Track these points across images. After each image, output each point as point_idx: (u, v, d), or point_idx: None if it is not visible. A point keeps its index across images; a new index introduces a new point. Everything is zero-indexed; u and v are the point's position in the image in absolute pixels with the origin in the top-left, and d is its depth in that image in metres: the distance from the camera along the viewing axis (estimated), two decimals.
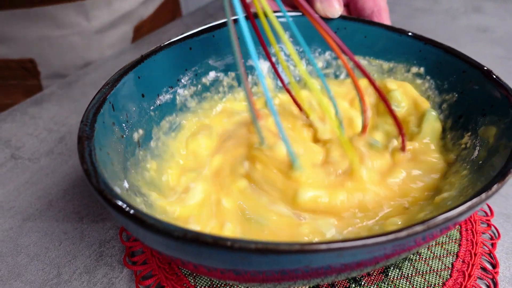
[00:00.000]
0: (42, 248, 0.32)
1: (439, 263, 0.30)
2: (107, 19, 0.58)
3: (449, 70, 0.35)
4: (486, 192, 0.21)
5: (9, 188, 0.36)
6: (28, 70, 0.55)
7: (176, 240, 0.19)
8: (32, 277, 0.30)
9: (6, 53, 0.53)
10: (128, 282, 0.29)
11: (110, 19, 0.58)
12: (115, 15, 0.59)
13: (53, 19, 0.53)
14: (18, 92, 0.56)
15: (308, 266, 0.19)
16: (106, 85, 0.29)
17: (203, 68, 0.37)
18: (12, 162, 0.39)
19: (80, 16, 0.55)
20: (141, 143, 0.31)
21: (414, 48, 0.37)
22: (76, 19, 0.55)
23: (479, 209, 0.35)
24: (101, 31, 0.58)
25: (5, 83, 0.55)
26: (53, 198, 0.35)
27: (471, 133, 0.31)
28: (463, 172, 0.29)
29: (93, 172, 0.22)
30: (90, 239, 0.32)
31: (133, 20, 0.63)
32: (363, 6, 0.42)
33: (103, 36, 0.59)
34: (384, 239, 0.18)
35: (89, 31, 0.57)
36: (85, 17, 0.55)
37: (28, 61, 0.55)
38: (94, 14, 0.56)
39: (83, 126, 0.25)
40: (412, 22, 0.69)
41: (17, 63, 0.54)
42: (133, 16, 0.63)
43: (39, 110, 0.45)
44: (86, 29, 0.56)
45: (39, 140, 0.41)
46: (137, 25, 0.64)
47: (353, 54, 0.40)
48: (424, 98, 0.36)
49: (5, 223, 0.33)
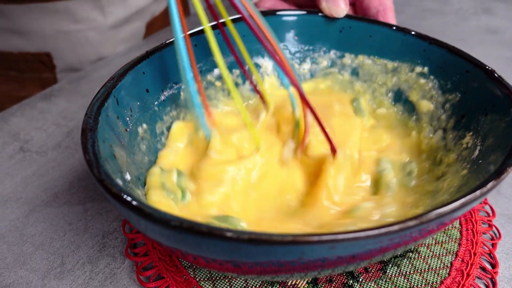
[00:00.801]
0: (47, 238, 0.32)
1: (438, 261, 0.30)
2: (122, 15, 0.59)
3: (453, 70, 0.35)
4: (481, 189, 0.21)
5: (17, 179, 0.37)
6: (44, 64, 0.56)
7: (172, 229, 0.19)
8: (36, 265, 0.30)
9: (23, 46, 0.54)
10: (129, 272, 0.30)
11: (125, 15, 0.59)
12: (130, 11, 0.60)
13: (69, 13, 0.54)
14: (33, 85, 0.57)
15: (301, 257, 0.20)
16: (111, 80, 0.29)
17: (208, 65, 0.38)
18: (21, 154, 0.40)
19: (96, 12, 0.56)
20: (144, 137, 0.31)
21: (419, 47, 0.37)
22: (92, 14, 0.56)
23: (481, 209, 0.35)
24: (115, 26, 0.59)
25: (21, 75, 0.56)
26: (59, 190, 0.36)
27: (472, 133, 0.31)
28: (462, 172, 0.29)
29: (95, 163, 0.22)
30: (94, 231, 0.33)
31: (145, 17, 0.64)
32: (368, 5, 0.42)
33: (117, 31, 0.60)
34: (376, 233, 0.19)
35: (105, 26, 0.58)
36: (101, 13, 0.56)
37: (45, 54, 0.56)
38: (110, 10, 0.57)
39: (87, 118, 0.26)
40: (420, 23, 0.69)
41: (33, 56, 0.55)
42: (146, 12, 0.63)
43: (48, 104, 0.46)
44: (101, 24, 0.57)
45: (47, 134, 0.42)
46: (150, 21, 0.65)
47: (357, 53, 0.41)
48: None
49: (12, 213, 0.34)
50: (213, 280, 0.29)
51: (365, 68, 0.41)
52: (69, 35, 0.56)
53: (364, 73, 0.41)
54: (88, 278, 0.30)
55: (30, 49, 0.55)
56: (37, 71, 0.57)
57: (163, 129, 0.34)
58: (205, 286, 0.29)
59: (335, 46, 0.42)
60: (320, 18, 0.40)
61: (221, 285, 0.29)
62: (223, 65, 0.31)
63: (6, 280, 0.30)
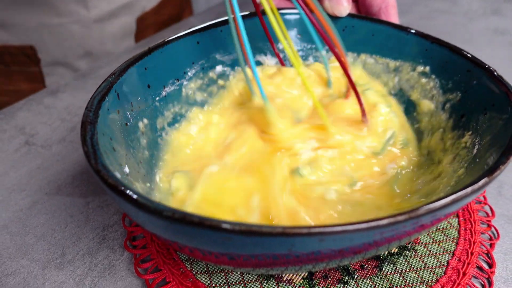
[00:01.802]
0: (49, 229, 0.33)
1: (434, 260, 0.30)
2: (106, 9, 0.58)
3: (454, 69, 0.35)
4: (472, 186, 0.21)
5: (22, 172, 0.38)
6: (29, 57, 0.56)
7: (165, 219, 0.20)
8: (38, 256, 0.31)
9: (6, 39, 0.54)
10: (127, 265, 0.30)
11: (110, 8, 0.59)
12: (115, 5, 0.59)
13: (52, 6, 0.53)
14: (20, 79, 0.57)
15: (291, 249, 0.20)
16: (112, 75, 0.30)
17: (210, 62, 0.38)
18: (26, 148, 0.41)
19: (79, 5, 0.55)
20: (145, 132, 0.32)
21: (421, 46, 0.37)
22: (75, 7, 0.55)
23: (480, 209, 0.35)
24: (100, 20, 0.58)
25: (7, 69, 0.56)
26: (62, 183, 0.37)
27: (471, 132, 0.31)
28: (459, 171, 0.29)
29: (92, 154, 0.23)
30: (95, 223, 0.33)
31: (134, 12, 0.63)
32: (371, 3, 0.42)
33: (104, 25, 0.59)
34: (365, 226, 0.19)
35: (88, 20, 0.57)
36: (84, 6, 0.56)
37: (29, 47, 0.55)
38: (93, 4, 0.56)
39: (87, 112, 0.26)
40: (428, 23, 0.69)
41: (17, 49, 0.55)
42: (135, 7, 0.63)
43: (54, 100, 0.47)
44: (85, 17, 0.57)
45: (52, 128, 0.43)
46: (140, 17, 0.64)
47: (359, 52, 0.41)
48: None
49: (16, 205, 0.35)
50: (210, 273, 0.30)
51: (367, 67, 0.41)
52: (52, 28, 0.55)
53: (366, 72, 0.41)
54: (88, 269, 0.30)
55: (14, 42, 0.55)
56: (23, 65, 0.57)
57: (164, 125, 0.34)
58: (201, 279, 0.29)
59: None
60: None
61: (217, 278, 0.29)
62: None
63: (8, 269, 0.30)
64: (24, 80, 0.57)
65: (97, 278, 0.30)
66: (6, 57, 0.56)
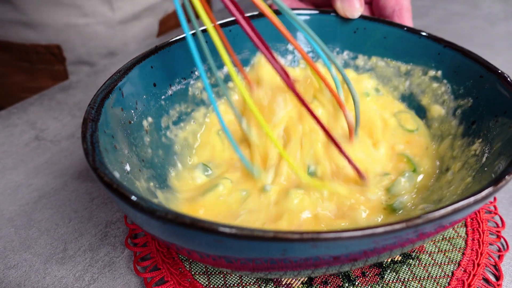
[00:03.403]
0: (52, 224, 0.33)
1: (439, 270, 0.30)
2: (130, 11, 0.60)
3: (467, 74, 0.34)
4: (475, 196, 0.20)
5: (30, 166, 0.38)
6: (55, 56, 0.58)
7: (157, 219, 0.20)
8: (40, 250, 0.31)
9: (35, 38, 0.56)
10: (127, 262, 0.31)
11: (134, 11, 0.60)
12: (139, 7, 0.61)
13: (79, 7, 0.55)
14: (45, 77, 0.59)
15: (284, 254, 0.19)
16: (117, 72, 0.30)
17: (218, 62, 0.38)
18: (36, 142, 0.41)
19: (105, 6, 0.57)
20: (149, 131, 0.32)
21: (433, 50, 0.36)
22: (101, 8, 0.57)
23: (490, 219, 0.33)
24: (124, 21, 0.60)
25: (33, 67, 0.58)
26: (68, 179, 0.37)
27: (482, 140, 0.30)
28: (467, 179, 0.28)
29: (91, 152, 0.23)
30: (98, 219, 0.34)
31: (157, 14, 0.65)
32: (384, 4, 0.42)
33: (127, 26, 0.61)
34: (359, 234, 0.18)
35: (113, 21, 0.59)
36: (109, 8, 0.57)
37: (55, 47, 0.57)
38: (118, 5, 0.58)
39: (90, 109, 0.26)
40: (446, 27, 0.67)
41: (45, 48, 0.57)
42: (158, 9, 0.64)
43: (65, 96, 0.48)
44: (110, 19, 0.58)
45: (63, 124, 0.44)
46: (163, 19, 0.66)
47: (370, 54, 0.40)
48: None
49: (22, 199, 0.35)
50: (208, 274, 0.29)
51: (378, 70, 0.40)
52: (79, 29, 0.57)
53: (377, 75, 0.40)
54: (88, 265, 0.30)
55: (41, 41, 0.56)
56: (48, 63, 0.58)
57: (168, 123, 0.34)
58: (199, 280, 0.29)
59: (348, 47, 0.41)
60: (334, 18, 0.40)
61: (215, 280, 0.29)
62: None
63: (11, 262, 0.31)
64: (48, 78, 0.59)
65: (96, 274, 0.30)
66: (32, 56, 0.58)
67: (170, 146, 0.34)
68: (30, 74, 0.59)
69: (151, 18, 0.64)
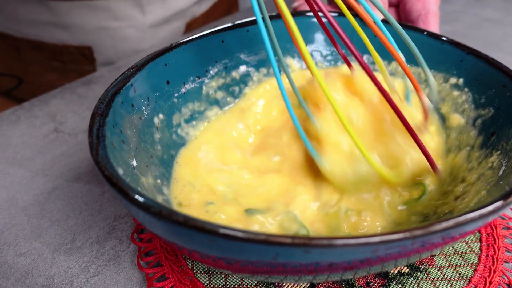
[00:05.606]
0: (63, 215, 0.34)
1: (447, 285, 0.28)
2: (161, 15, 0.61)
3: (489, 83, 0.32)
4: (481, 210, 0.19)
5: (47, 157, 0.40)
6: (86, 56, 0.60)
7: (152, 215, 0.20)
8: (50, 239, 0.32)
9: (67, 39, 0.58)
10: (132, 256, 0.31)
11: (165, 15, 0.62)
12: (170, 12, 0.62)
13: (111, 11, 0.57)
14: (75, 76, 0.60)
15: (276, 258, 0.19)
16: (131, 69, 0.30)
17: (234, 62, 0.38)
18: (54, 134, 0.42)
19: (136, 10, 0.59)
20: (160, 128, 0.32)
21: (456, 57, 0.35)
22: (132, 12, 0.58)
23: (507, 236, 0.32)
24: (155, 25, 0.62)
25: (64, 66, 0.61)
26: (82, 172, 0.38)
27: (500, 152, 0.29)
28: (482, 192, 0.27)
29: (95, 145, 0.23)
30: (107, 213, 0.34)
31: (186, 17, 0.66)
32: (410, 9, 0.41)
33: (157, 30, 0.62)
34: (354, 242, 0.18)
35: (144, 25, 0.60)
36: (140, 12, 0.59)
37: (86, 48, 0.59)
38: (149, 9, 0.59)
39: (99, 103, 0.27)
40: (475, 33, 0.65)
41: (76, 48, 0.59)
42: (186, 13, 0.65)
43: (86, 90, 0.49)
44: (141, 22, 0.60)
45: (81, 117, 0.45)
46: (189, 22, 0.67)
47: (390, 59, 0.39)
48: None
49: (37, 189, 0.36)
50: (210, 274, 0.29)
51: (397, 76, 0.39)
52: (110, 31, 0.59)
53: None
54: (94, 257, 0.31)
55: (73, 42, 0.59)
56: (78, 63, 0.61)
57: (180, 121, 0.34)
58: (200, 279, 0.29)
59: (368, 51, 0.40)
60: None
61: (216, 280, 0.29)
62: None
63: (21, 249, 0.31)
64: (77, 77, 0.61)
65: (101, 267, 0.30)
66: (64, 56, 0.60)
67: (180, 143, 0.34)
68: (61, 73, 0.61)
69: (180, 21, 0.66)
